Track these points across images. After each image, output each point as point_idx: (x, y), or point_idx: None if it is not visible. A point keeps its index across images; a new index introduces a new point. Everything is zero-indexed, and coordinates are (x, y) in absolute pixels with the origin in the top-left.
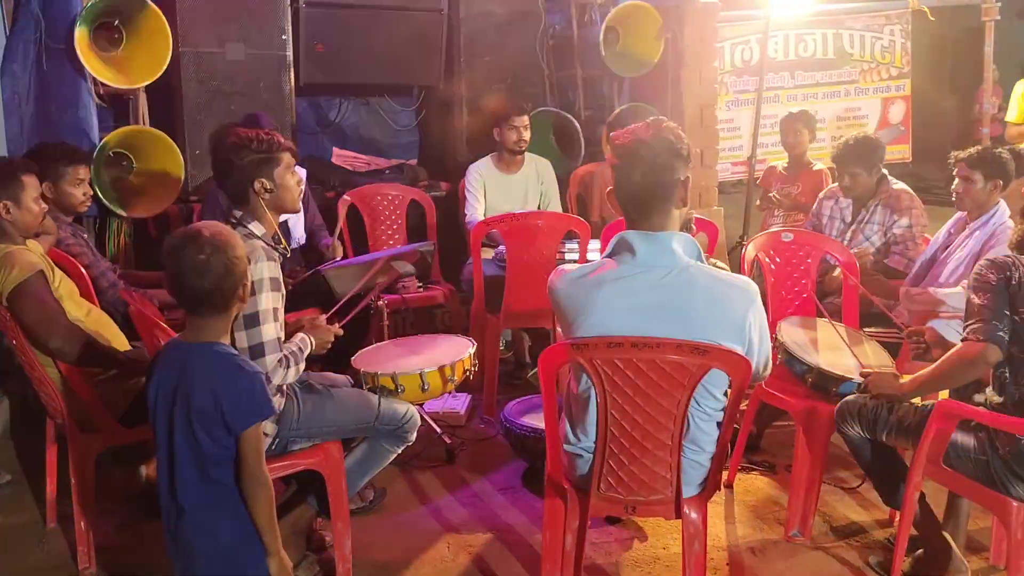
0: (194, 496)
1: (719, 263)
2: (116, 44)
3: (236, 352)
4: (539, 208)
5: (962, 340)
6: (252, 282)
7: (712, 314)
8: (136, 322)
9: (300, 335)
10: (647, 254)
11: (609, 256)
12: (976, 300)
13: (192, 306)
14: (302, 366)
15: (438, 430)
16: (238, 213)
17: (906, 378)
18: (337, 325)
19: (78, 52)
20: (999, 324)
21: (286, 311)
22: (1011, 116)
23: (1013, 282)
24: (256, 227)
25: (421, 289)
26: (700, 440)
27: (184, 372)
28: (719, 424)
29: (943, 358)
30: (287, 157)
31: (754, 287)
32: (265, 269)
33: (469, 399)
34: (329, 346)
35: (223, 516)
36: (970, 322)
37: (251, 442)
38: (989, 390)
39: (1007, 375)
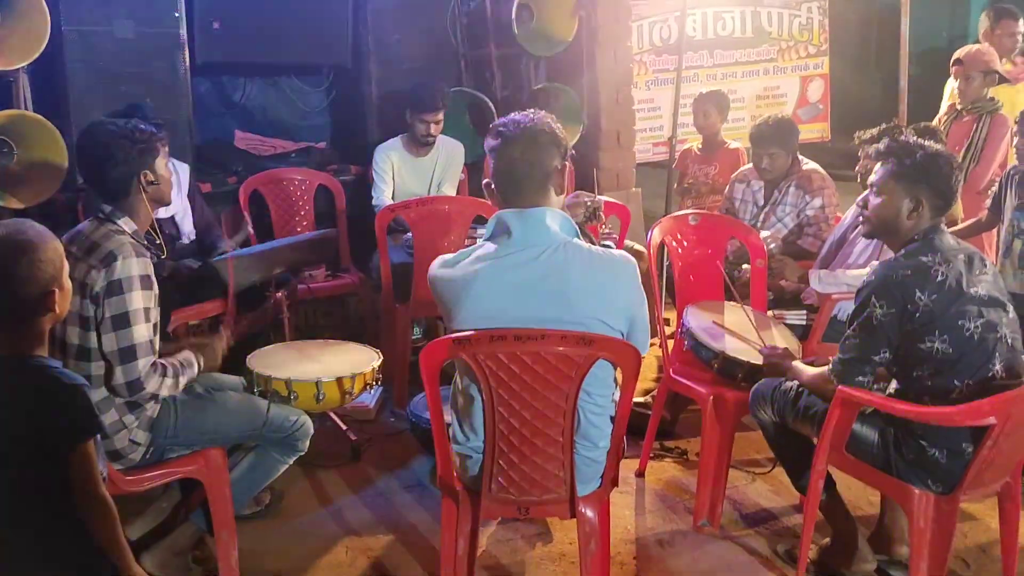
0: (19, 529)
1: (636, 246)
2: None
3: (54, 364)
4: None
5: (831, 365)
6: (119, 280)
7: (591, 292)
8: None
9: (185, 353)
10: (522, 232)
11: (488, 239)
12: (849, 331)
13: None
14: (182, 381)
15: (343, 427)
16: (107, 208)
17: (798, 362)
18: (228, 333)
19: None
20: (860, 369)
21: (185, 304)
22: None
23: (918, 313)
24: (127, 223)
25: (330, 278)
26: (592, 435)
27: None
28: (612, 419)
29: (815, 372)
30: (164, 147)
31: (633, 262)
32: (134, 266)
33: (380, 391)
34: (219, 361)
35: (60, 547)
36: (842, 353)
37: (79, 463)
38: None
39: (910, 398)
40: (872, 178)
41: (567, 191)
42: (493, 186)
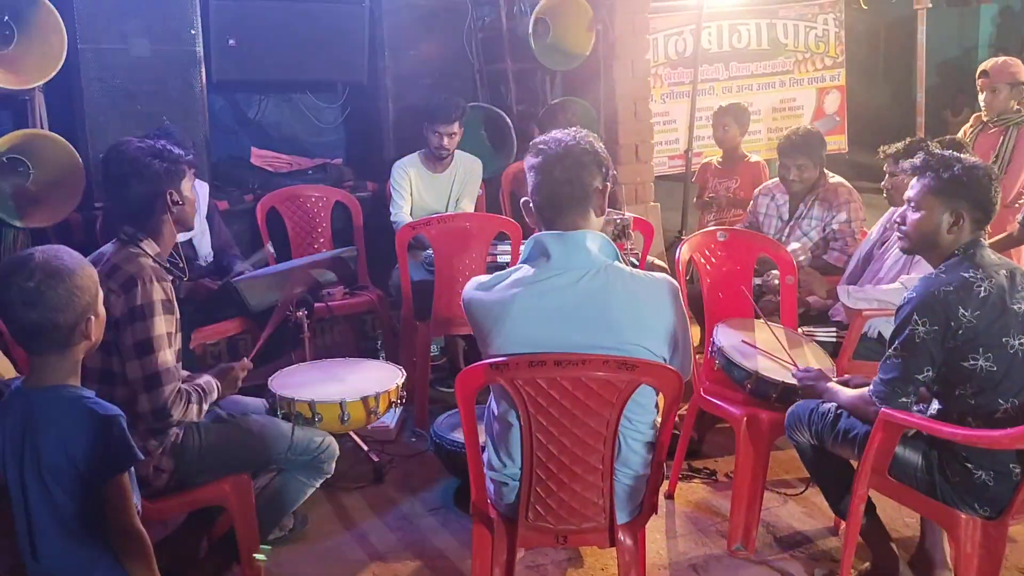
0: (60, 559)
1: (657, 261)
2: (7, 42)
3: (88, 395)
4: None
5: (872, 386)
6: (141, 306)
7: (633, 317)
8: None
9: (206, 376)
10: (561, 255)
11: (525, 261)
12: (891, 350)
13: (25, 342)
14: (206, 407)
15: (364, 447)
16: (129, 230)
17: (835, 383)
18: (246, 359)
19: None
20: (903, 389)
21: (203, 324)
22: None
23: (960, 330)
24: (149, 246)
25: (348, 296)
26: (632, 462)
27: (29, 423)
28: (651, 445)
29: (855, 394)
30: (191, 171)
31: (673, 283)
32: (156, 291)
33: (400, 411)
34: (239, 385)
35: None
36: (883, 373)
37: (115, 494)
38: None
39: (953, 418)
40: (909, 193)
41: None
42: (532, 205)
